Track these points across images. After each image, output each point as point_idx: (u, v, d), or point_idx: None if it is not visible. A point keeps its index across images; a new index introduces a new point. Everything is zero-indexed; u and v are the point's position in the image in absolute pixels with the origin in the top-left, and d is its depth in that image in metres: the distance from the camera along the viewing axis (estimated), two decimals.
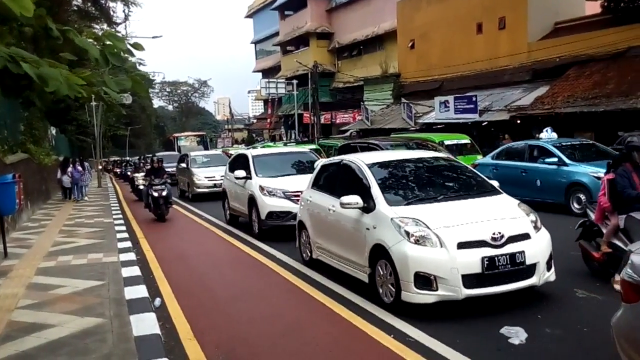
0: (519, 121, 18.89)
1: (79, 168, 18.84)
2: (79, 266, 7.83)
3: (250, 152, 11.67)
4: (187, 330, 5.30)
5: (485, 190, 6.22)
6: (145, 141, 73.14)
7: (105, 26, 26.94)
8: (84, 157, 28.20)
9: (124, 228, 11.69)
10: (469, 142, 15.69)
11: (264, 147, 24.46)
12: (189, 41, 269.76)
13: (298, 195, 9.23)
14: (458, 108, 21.17)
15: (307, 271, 7.44)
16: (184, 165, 19.56)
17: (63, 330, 5.00)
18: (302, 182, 9.66)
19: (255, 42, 55.20)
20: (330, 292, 6.34)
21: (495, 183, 6.48)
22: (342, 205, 5.96)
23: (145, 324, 5.05)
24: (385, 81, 29.81)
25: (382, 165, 6.59)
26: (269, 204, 9.79)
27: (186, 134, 43.18)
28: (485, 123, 20.45)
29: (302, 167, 11.13)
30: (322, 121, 36.30)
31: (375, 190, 5.92)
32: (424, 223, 5.27)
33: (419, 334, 4.82)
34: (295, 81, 38.34)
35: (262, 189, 10.01)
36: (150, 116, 74.60)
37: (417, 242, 5.15)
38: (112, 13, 28.20)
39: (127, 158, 45.90)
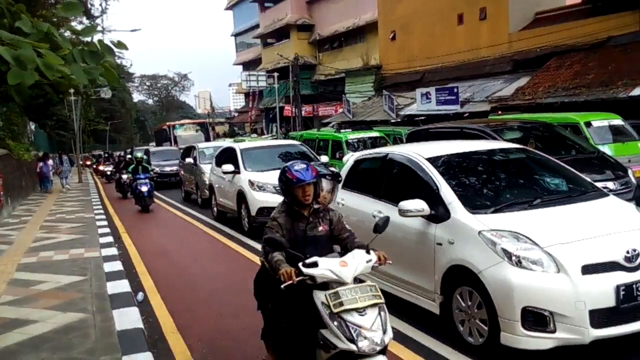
0: None
1: (49, 163, 21.40)
2: (61, 262, 7.75)
3: (238, 146, 11.17)
4: (171, 324, 5.29)
5: (588, 191, 4.89)
6: (126, 136, 72.46)
7: (84, 19, 26.38)
8: (64, 151, 27.74)
9: (105, 223, 11.62)
10: (621, 122, 10.37)
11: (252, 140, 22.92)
12: (168, 34, 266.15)
13: None
14: (439, 99, 21.24)
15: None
16: (190, 160, 15.38)
17: (45, 326, 4.95)
18: None
19: (236, 35, 54.70)
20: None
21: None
22: (402, 212, 4.55)
23: (128, 319, 5.03)
24: (367, 73, 29.77)
25: (447, 159, 5.16)
26: (259, 199, 9.35)
27: (184, 121, 37.37)
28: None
29: (292, 159, 10.79)
30: (304, 114, 36.16)
31: (448, 193, 4.56)
32: (528, 238, 3.95)
33: None
34: (276, 74, 38.05)
35: (251, 183, 9.59)
36: (130, 110, 73.83)
37: (520, 264, 3.84)
38: (89, 6, 27.61)
39: (120, 153, 34.45)
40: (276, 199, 8.78)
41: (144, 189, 13.83)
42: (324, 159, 11.20)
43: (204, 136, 31.05)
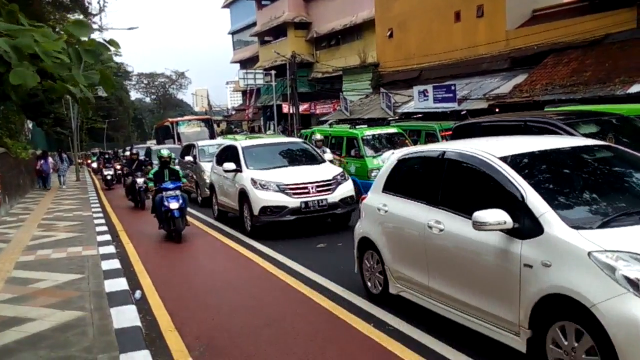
0: None
1: (50, 160, 21.95)
2: (59, 260, 7.75)
3: (239, 144, 10.92)
4: (168, 321, 5.30)
5: None
6: (123, 134, 72.57)
7: (81, 18, 26.30)
8: (62, 150, 27.68)
9: (103, 221, 11.60)
10: None
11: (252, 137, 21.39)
12: (166, 32, 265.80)
13: (295, 189, 8.97)
14: (437, 97, 21.20)
15: (290, 262, 7.40)
16: (189, 158, 15.11)
17: (43, 324, 4.96)
18: (297, 174, 9.42)
19: (233, 33, 54.59)
20: (312, 282, 6.35)
21: None
22: (478, 225, 3.66)
23: (125, 317, 5.04)
24: (364, 71, 29.75)
25: (527, 159, 4.21)
26: (262, 198, 9.07)
27: (188, 118, 34.77)
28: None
29: (296, 158, 10.59)
30: (301, 111, 36.15)
31: (537, 202, 3.62)
32: None
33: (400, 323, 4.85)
34: (273, 72, 38.04)
35: (254, 182, 9.31)
36: (127, 109, 73.96)
37: None
38: (87, 4, 27.50)
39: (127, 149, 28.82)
40: (280, 198, 9.04)
41: (174, 205, 9.41)
42: (328, 156, 10.97)
43: (208, 133, 28.94)
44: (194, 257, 8.40)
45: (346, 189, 9.46)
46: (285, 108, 36.77)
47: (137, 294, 6.15)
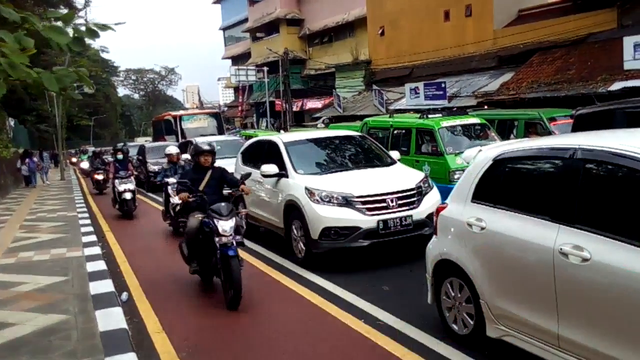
0: None
1: (35, 159, 22.93)
2: (41, 262, 7.49)
3: (280, 139, 8.36)
4: (155, 323, 5.18)
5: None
6: (111, 131, 72.00)
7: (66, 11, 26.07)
8: (45, 148, 27.48)
9: (88, 222, 11.10)
10: None
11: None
12: (155, 28, 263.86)
13: (369, 202, 6.63)
14: (428, 94, 21.77)
15: (275, 257, 7.32)
16: (186, 156, 14.09)
17: (25, 328, 4.82)
18: (368, 180, 7.07)
19: (224, 29, 54.80)
20: (298, 277, 6.34)
21: None
22: None
23: (111, 319, 4.91)
24: (357, 68, 30.29)
25: None
26: (324, 215, 6.61)
27: (194, 111, 31.26)
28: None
29: (357, 157, 8.17)
30: (295, 108, 36.58)
31: None
32: None
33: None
34: (265, 68, 38.40)
35: (310, 192, 6.84)
36: (115, 105, 73.40)
37: None
38: None
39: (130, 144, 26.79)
40: (349, 216, 6.58)
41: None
42: (395, 155, 8.29)
43: (217, 128, 26.05)
44: (182, 258, 7.95)
45: (433, 200, 6.98)
46: (279, 105, 37.18)
47: (124, 295, 5.95)
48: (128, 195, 12.27)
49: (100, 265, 7.10)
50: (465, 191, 4.26)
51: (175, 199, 8.85)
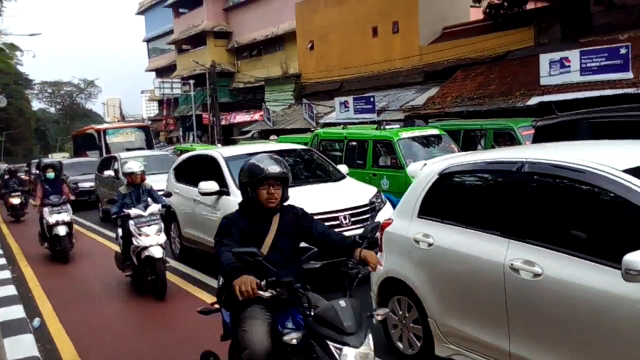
0: None
1: None
2: None
3: (220, 153, 7.74)
4: (71, 349, 4.99)
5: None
6: (24, 147, 67.79)
7: None
8: None
9: (3, 263, 9.75)
10: None
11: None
12: (74, 40, 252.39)
13: (323, 221, 5.59)
14: (357, 108, 22.00)
15: (199, 275, 7.03)
16: (109, 173, 12.76)
17: None
18: (318, 197, 6.54)
19: (148, 40, 53.16)
20: None
21: None
22: (634, 273, 2.53)
23: (21, 347, 4.65)
24: (286, 82, 30.25)
25: None
26: None
27: (120, 125, 29.12)
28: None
29: (304, 172, 7.74)
30: (223, 122, 35.92)
31: None
32: None
33: None
34: (192, 81, 37.48)
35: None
36: (29, 119, 69.18)
37: None
38: None
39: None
40: None
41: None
42: (344, 169, 7.92)
43: (145, 142, 24.41)
44: (100, 279, 7.68)
45: (387, 216, 6.31)
46: (206, 118, 36.35)
47: (36, 321, 5.61)
48: (62, 230, 8.89)
49: (10, 290, 6.61)
50: (411, 206, 4.10)
51: (142, 240, 6.44)
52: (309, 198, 6.44)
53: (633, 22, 17.01)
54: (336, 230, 5.66)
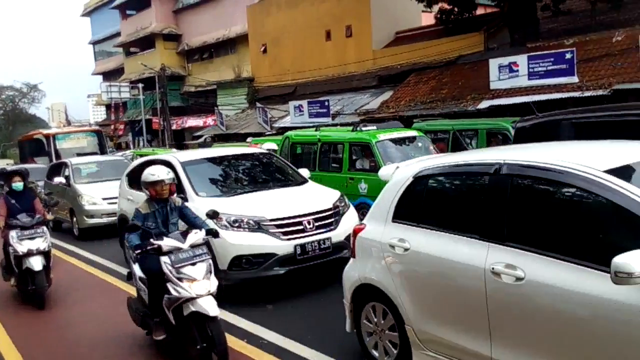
0: None
1: None
2: None
3: (176, 158, 7.39)
4: (16, 356, 4.85)
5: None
6: None
7: None
8: None
9: None
10: None
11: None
12: (15, 42, 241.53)
13: (284, 226, 6.06)
14: (312, 112, 21.90)
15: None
16: (60, 180, 12.00)
17: None
18: (280, 201, 6.49)
19: (94, 43, 51.41)
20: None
21: None
22: (624, 276, 2.42)
23: None
24: (239, 85, 29.80)
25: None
26: (233, 242, 5.93)
27: (71, 129, 27.71)
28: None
29: (265, 177, 7.62)
30: (174, 127, 35.06)
31: None
32: None
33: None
34: (141, 85, 36.41)
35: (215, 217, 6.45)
36: None
37: None
38: None
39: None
40: (262, 242, 5.92)
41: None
42: (305, 172, 7.83)
43: (98, 147, 23.24)
44: (53, 287, 6.95)
45: (352, 220, 6.55)
46: (156, 123, 35.37)
47: None
48: (36, 263, 6.51)
49: None
50: (385, 211, 3.99)
51: (185, 288, 4.18)
52: (272, 203, 6.41)
53: (578, 27, 17.62)
54: (301, 235, 6.12)
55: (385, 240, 3.89)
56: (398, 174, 4.08)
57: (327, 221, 6.36)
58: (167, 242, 4.25)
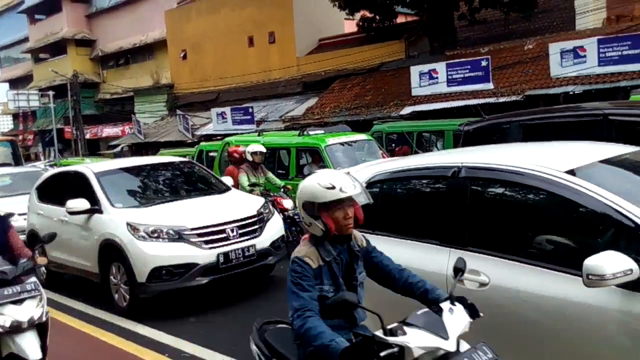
0: None
1: None
2: None
3: (89, 168, 7.08)
4: None
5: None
6: None
7: None
8: None
9: None
10: None
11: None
12: None
13: (206, 235, 5.89)
14: (235, 119, 21.45)
15: (89, 309, 6.19)
16: None
17: None
18: (202, 210, 6.37)
19: None
20: (121, 330, 5.43)
21: None
22: (595, 278, 2.33)
23: None
24: (158, 92, 28.75)
25: (609, 172, 3.03)
26: (153, 253, 5.71)
27: None
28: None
29: (186, 186, 7.38)
30: (89, 136, 33.18)
31: None
32: None
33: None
34: (51, 92, 34.04)
35: (134, 228, 5.84)
36: None
37: None
38: None
39: None
40: (183, 252, 5.68)
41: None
42: (228, 181, 7.70)
43: (12, 158, 21.54)
44: None
45: (276, 227, 6.62)
46: (69, 132, 33.29)
47: None
48: (31, 348, 3.78)
49: None
50: None
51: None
52: (193, 212, 6.24)
53: (493, 36, 18.37)
54: (224, 243, 5.90)
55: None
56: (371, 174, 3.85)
57: (251, 228, 6.25)
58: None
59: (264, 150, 8.60)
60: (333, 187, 2.38)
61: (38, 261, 4.12)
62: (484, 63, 15.51)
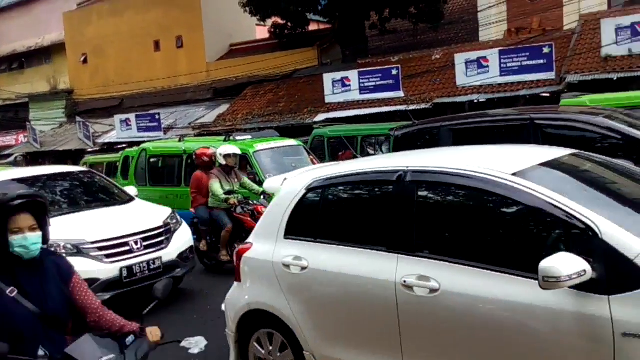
0: None
1: None
2: None
3: None
4: None
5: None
6: None
7: None
8: None
9: None
10: None
11: None
12: None
13: (107, 248, 5.62)
14: (141, 126, 20.39)
15: None
16: None
17: None
18: (104, 222, 6.06)
19: None
20: None
21: None
22: (551, 281, 2.29)
23: None
24: (56, 98, 26.84)
25: (561, 175, 3.06)
26: None
27: None
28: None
29: (88, 196, 6.98)
30: None
31: (623, 240, 2.40)
32: None
33: None
34: None
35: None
36: None
37: None
38: None
39: None
40: (80, 267, 4.32)
41: None
42: (132, 190, 7.40)
43: None
44: None
45: (184, 238, 6.42)
46: None
47: None
48: None
49: None
50: (275, 227, 3.59)
51: None
52: (93, 224, 5.95)
53: (403, 45, 18.76)
54: (127, 257, 5.67)
55: (277, 260, 3.49)
56: (287, 186, 3.72)
57: (156, 240, 6.02)
58: None
59: (239, 152, 7.71)
60: None
61: (155, 338, 2.53)
62: (394, 72, 15.77)
